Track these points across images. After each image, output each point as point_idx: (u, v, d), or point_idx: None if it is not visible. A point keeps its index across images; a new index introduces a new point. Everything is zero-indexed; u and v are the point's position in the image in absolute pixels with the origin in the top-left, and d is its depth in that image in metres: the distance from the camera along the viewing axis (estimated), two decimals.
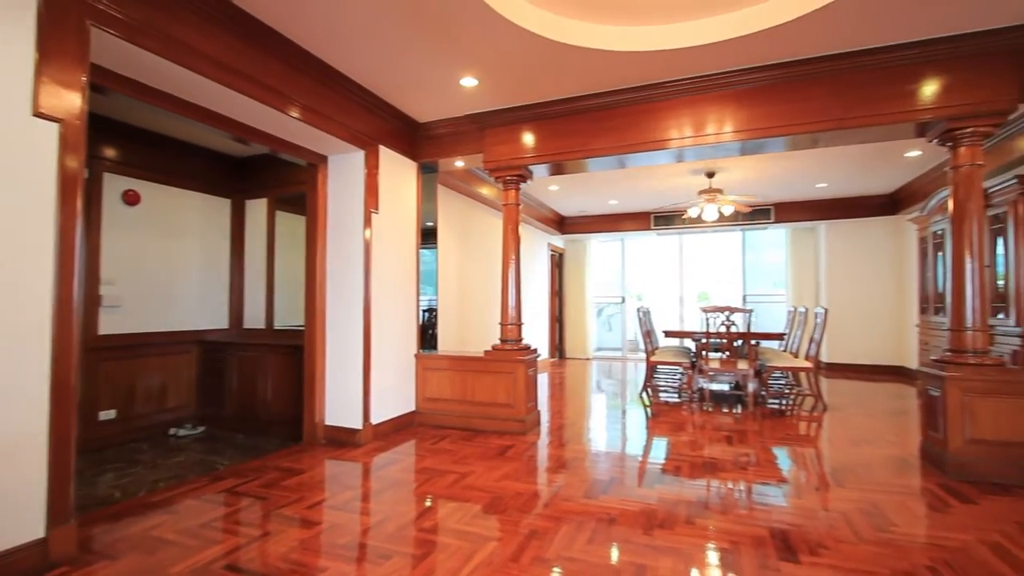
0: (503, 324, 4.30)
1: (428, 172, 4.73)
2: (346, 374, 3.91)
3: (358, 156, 3.94)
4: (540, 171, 4.42)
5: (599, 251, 10.18)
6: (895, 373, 7.27)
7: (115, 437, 3.94)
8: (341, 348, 3.94)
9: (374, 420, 3.96)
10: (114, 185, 4.03)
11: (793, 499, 2.76)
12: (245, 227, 4.96)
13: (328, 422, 3.94)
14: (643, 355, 5.81)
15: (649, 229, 8.70)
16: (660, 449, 3.73)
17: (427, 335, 4.73)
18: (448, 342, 5.42)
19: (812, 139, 3.64)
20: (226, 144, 4.58)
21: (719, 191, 5.98)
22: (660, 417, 4.72)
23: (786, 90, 3.47)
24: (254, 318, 4.86)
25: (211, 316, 4.79)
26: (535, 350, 4.37)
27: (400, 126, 4.31)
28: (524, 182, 4.40)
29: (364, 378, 3.87)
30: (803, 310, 5.83)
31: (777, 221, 7.94)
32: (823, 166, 5.88)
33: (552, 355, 9.29)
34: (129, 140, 4.11)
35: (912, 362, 6.77)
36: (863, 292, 7.66)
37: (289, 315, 4.74)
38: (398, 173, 4.34)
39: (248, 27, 2.85)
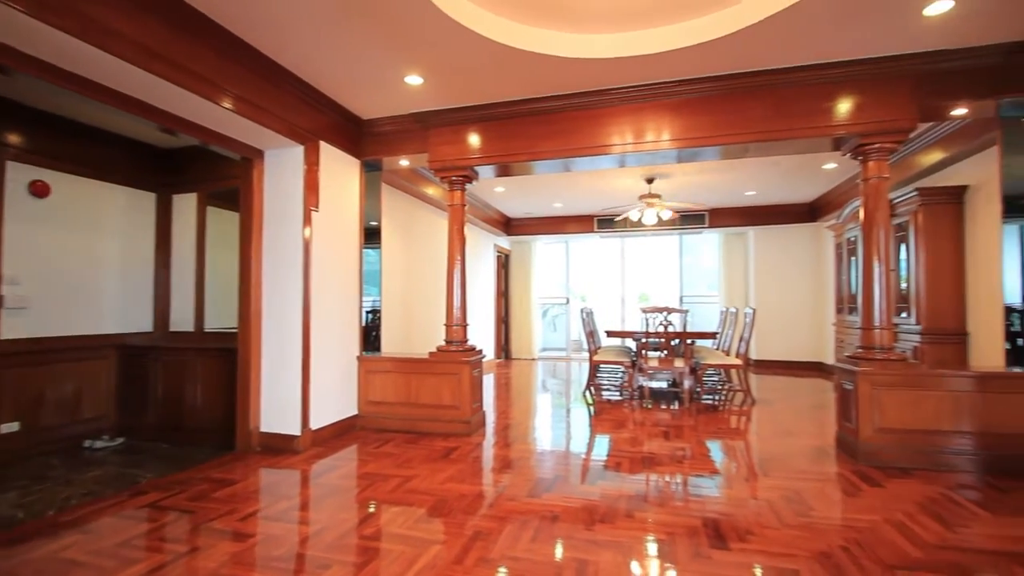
0: (448, 325, 4.27)
1: (372, 170, 4.63)
2: (284, 378, 3.75)
3: (297, 151, 3.80)
4: (486, 172, 4.44)
5: (544, 252, 10.33)
6: (815, 369, 7.84)
7: (19, 451, 3.58)
8: (279, 351, 3.78)
9: (314, 425, 3.82)
10: (19, 175, 3.67)
11: (725, 489, 2.92)
12: (172, 223, 4.66)
13: (264, 429, 3.77)
14: (587, 355, 5.95)
15: (592, 232, 8.92)
16: (602, 446, 3.83)
17: (370, 337, 4.63)
18: (392, 344, 5.32)
19: (743, 149, 3.86)
20: (151, 134, 4.28)
21: (658, 196, 6.23)
22: (602, 415, 4.85)
23: (721, 102, 3.67)
24: (182, 320, 4.56)
25: (133, 318, 4.45)
26: (480, 351, 4.37)
27: (342, 122, 4.19)
28: (470, 183, 4.39)
29: (303, 382, 3.73)
30: (734, 310, 6.17)
31: (711, 226, 8.37)
32: (752, 175, 6.26)
33: (498, 356, 9.33)
34: (38, 126, 3.75)
35: (830, 358, 7.32)
36: (787, 293, 8.21)
37: (221, 317, 4.49)
38: (340, 170, 4.21)
39: (176, 10, 2.68)
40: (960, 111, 3.44)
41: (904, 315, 4.91)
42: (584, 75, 3.58)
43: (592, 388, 5.80)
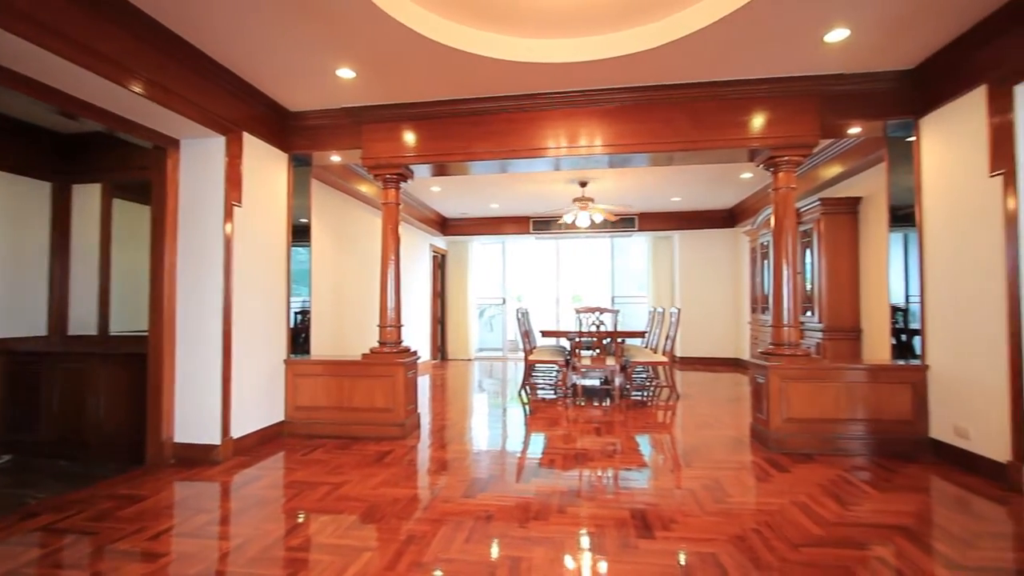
0: (382, 326, 4.18)
1: (301, 165, 4.44)
2: (202, 384, 3.51)
3: (217, 142, 3.57)
4: (422, 171, 4.39)
5: (481, 253, 10.34)
6: (733, 364, 8.40)
7: None
8: (196, 355, 3.53)
9: (235, 434, 3.61)
10: None
11: (652, 481, 3.06)
12: (71, 216, 4.23)
13: (179, 439, 3.50)
14: (523, 355, 6.03)
15: (528, 233, 9.05)
16: (537, 444, 3.90)
17: (299, 339, 4.43)
18: (323, 346, 5.13)
19: (669, 157, 4.06)
20: (47, 118, 3.87)
21: (591, 200, 6.42)
22: (537, 413, 4.94)
23: (647, 111, 3.84)
24: (83, 323, 4.16)
25: (22, 321, 4.00)
26: (415, 352, 4.31)
27: (268, 113, 3.99)
28: (405, 181, 4.32)
29: (224, 387, 3.51)
30: (661, 310, 6.49)
31: (640, 229, 8.75)
32: (677, 182, 6.60)
33: (434, 357, 9.23)
34: None
35: (746, 354, 7.87)
36: (708, 294, 8.74)
37: (130, 319, 4.13)
38: (266, 164, 4.01)
39: None
40: (855, 130, 3.82)
41: (809, 314, 5.37)
42: (520, 78, 3.63)
43: (527, 387, 5.88)
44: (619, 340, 5.45)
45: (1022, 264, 2.80)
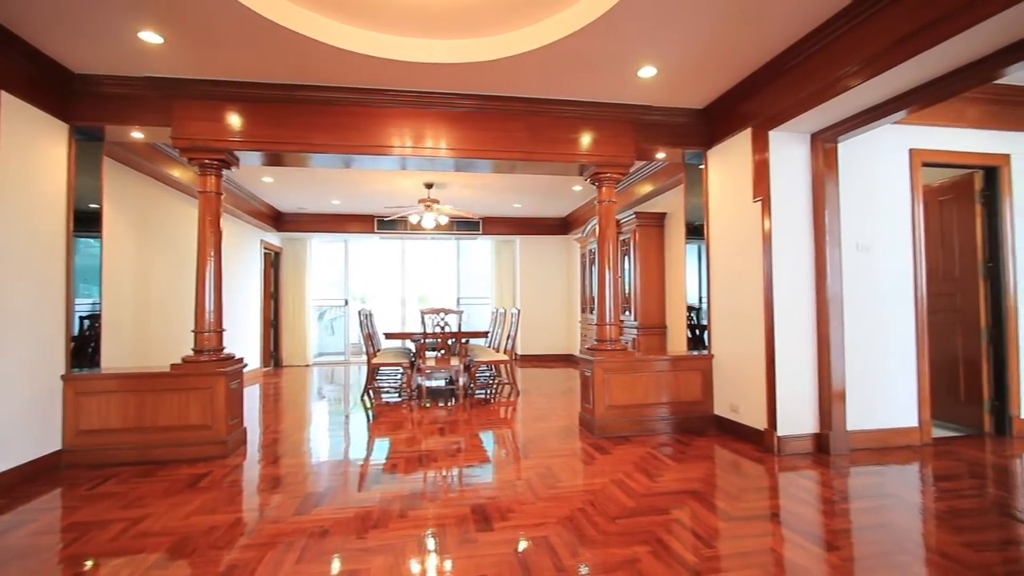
0: (199, 331, 3.68)
1: (89, 139, 3.69)
2: None
3: None
4: (250, 159, 3.97)
5: (321, 251, 9.71)
6: (567, 360, 9.16)
7: None
8: None
9: None
10: None
11: (493, 475, 3.20)
12: None
13: None
14: (366, 358, 5.81)
15: (373, 232, 8.76)
16: (381, 450, 3.80)
17: (86, 350, 3.68)
18: (118, 358, 4.32)
19: (511, 165, 4.28)
20: None
21: (436, 201, 6.45)
22: (381, 418, 4.80)
23: (491, 119, 4.01)
24: None
25: None
26: (241, 359, 3.88)
27: (38, 72, 3.24)
28: (228, 168, 3.87)
29: None
30: (503, 311, 6.80)
31: (485, 233, 9.06)
32: (518, 190, 6.99)
33: (266, 364, 8.40)
34: None
35: (576, 351, 8.65)
36: (546, 295, 9.41)
37: None
38: (33, 133, 3.25)
39: None
40: (662, 155, 4.46)
41: (627, 313, 6.12)
42: (364, 72, 3.50)
43: (371, 391, 5.69)
44: (463, 340, 5.58)
45: (774, 273, 3.56)
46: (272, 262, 8.84)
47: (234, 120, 3.70)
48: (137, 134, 3.80)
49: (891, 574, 1.96)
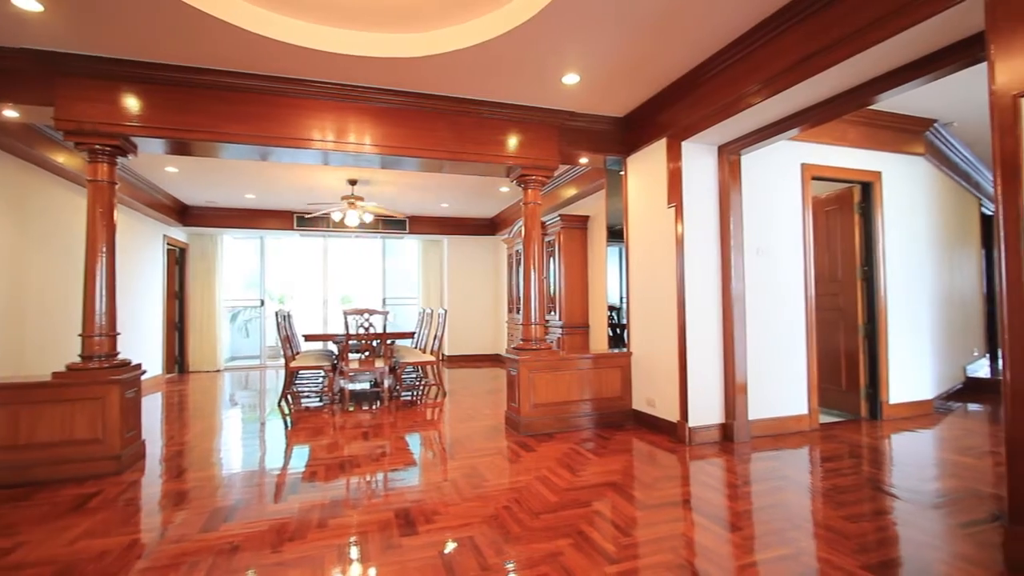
0: (88, 336, 3.31)
1: None
2: None
3: None
4: (152, 146, 3.65)
5: (234, 248, 9.10)
6: (494, 360, 9.22)
7: None
8: None
9: None
10: None
11: (419, 478, 3.16)
12: None
13: None
14: (284, 361, 5.51)
15: (292, 229, 8.35)
16: (299, 457, 3.62)
17: None
18: None
19: (439, 164, 4.25)
20: None
21: (360, 199, 6.26)
22: (300, 424, 4.59)
23: (417, 117, 3.95)
24: None
25: None
26: (138, 366, 3.55)
27: None
28: (125, 156, 3.53)
29: None
30: (430, 311, 6.72)
31: (412, 232, 8.91)
32: (446, 189, 6.94)
33: (169, 370, 7.73)
34: None
35: (504, 350, 8.72)
36: (473, 296, 9.43)
37: None
38: None
39: None
40: (584, 160, 4.61)
41: (553, 313, 6.27)
42: (282, 59, 3.33)
43: (289, 396, 5.41)
44: (389, 342, 5.45)
45: (686, 274, 3.80)
46: (177, 259, 8.16)
47: (131, 103, 3.38)
48: (11, 112, 3.37)
49: (784, 548, 2.17)
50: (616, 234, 4.66)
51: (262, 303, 9.15)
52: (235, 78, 3.51)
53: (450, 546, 2.24)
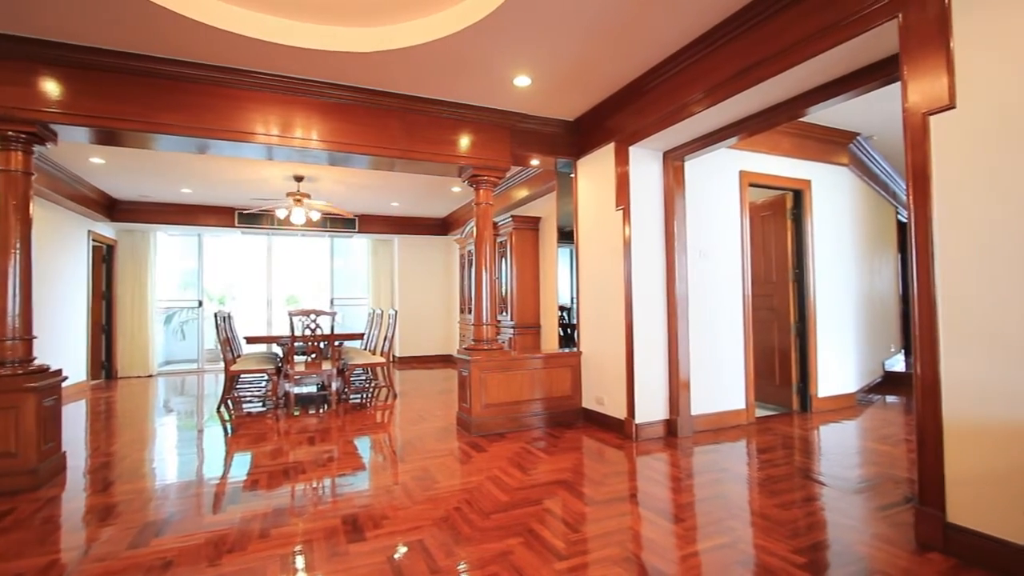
0: None
1: None
2: None
3: None
4: (75, 135, 3.41)
5: (169, 246, 8.59)
6: (446, 361, 9.16)
7: None
8: None
9: None
10: None
11: (368, 482, 3.10)
12: None
13: None
14: (224, 365, 5.25)
15: (233, 226, 7.97)
16: (241, 465, 3.46)
17: None
18: None
19: (390, 163, 4.18)
20: None
21: (307, 196, 6.07)
22: (242, 430, 4.39)
23: (367, 114, 3.87)
24: None
25: None
26: (58, 372, 3.29)
27: None
28: (43, 144, 3.27)
29: None
30: (380, 312, 6.60)
31: (361, 231, 8.71)
32: (397, 188, 6.83)
33: (95, 376, 7.20)
34: None
35: (455, 351, 8.68)
36: (425, 296, 9.33)
37: None
38: None
39: None
40: (536, 162, 4.67)
41: (504, 314, 6.30)
42: (222, 48, 3.18)
43: (230, 402, 5.17)
44: (337, 343, 5.31)
45: (633, 275, 3.92)
46: (104, 257, 7.61)
47: (51, 87, 3.13)
48: None
49: (723, 537, 2.28)
50: (567, 235, 4.75)
51: (200, 304, 8.68)
52: (173, 66, 3.32)
53: (399, 551, 2.21)
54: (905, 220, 5.32)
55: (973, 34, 1.95)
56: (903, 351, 6.89)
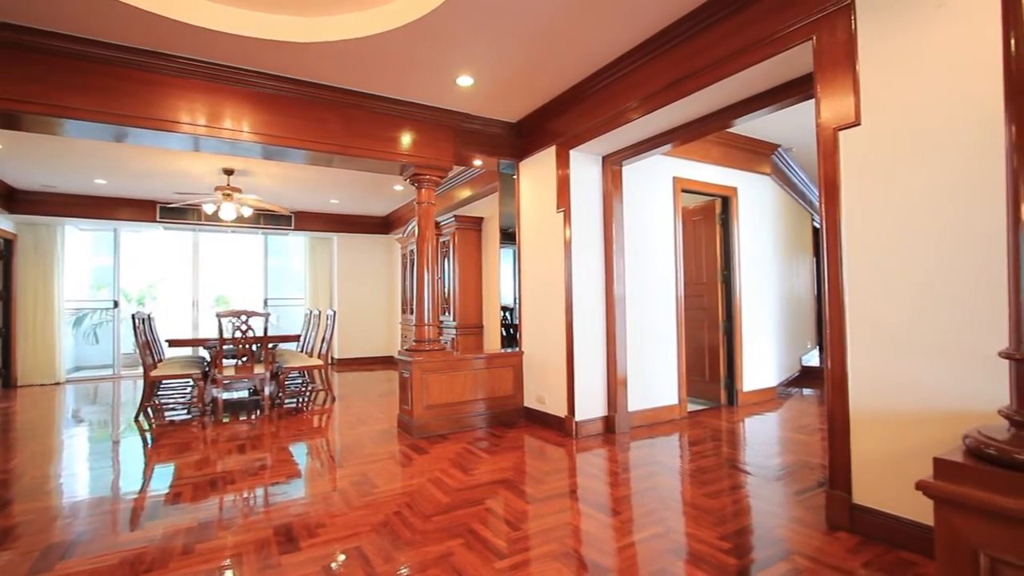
0: None
1: None
2: None
3: None
4: None
5: (80, 242, 7.89)
6: (387, 362, 8.97)
7: None
8: None
9: None
10: None
11: (304, 490, 2.98)
12: None
13: None
14: (143, 370, 4.88)
15: (154, 221, 7.42)
16: (162, 478, 3.23)
17: None
18: None
19: (328, 158, 4.04)
20: None
21: (238, 190, 5.76)
22: (163, 440, 4.09)
23: (303, 106, 3.73)
24: None
25: None
26: None
27: None
28: None
29: None
30: (317, 312, 6.37)
31: (297, 228, 8.37)
32: (336, 185, 6.62)
33: None
34: None
35: (397, 352, 8.53)
36: (365, 296, 9.09)
37: None
38: None
39: None
40: (479, 162, 4.67)
41: (447, 314, 6.25)
42: (139, 28, 2.95)
43: (150, 410, 4.81)
44: (271, 345, 5.08)
45: (573, 276, 4.01)
46: (1, 253, 6.87)
47: None
48: None
49: (656, 527, 2.38)
50: (509, 236, 4.78)
51: (116, 305, 8.02)
52: (83, 45, 3.05)
53: (336, 559, 2.15)
54: (819, 226, 5.78)
55: (876, 58, 2.15)
56: (818, 347, 7.46)
